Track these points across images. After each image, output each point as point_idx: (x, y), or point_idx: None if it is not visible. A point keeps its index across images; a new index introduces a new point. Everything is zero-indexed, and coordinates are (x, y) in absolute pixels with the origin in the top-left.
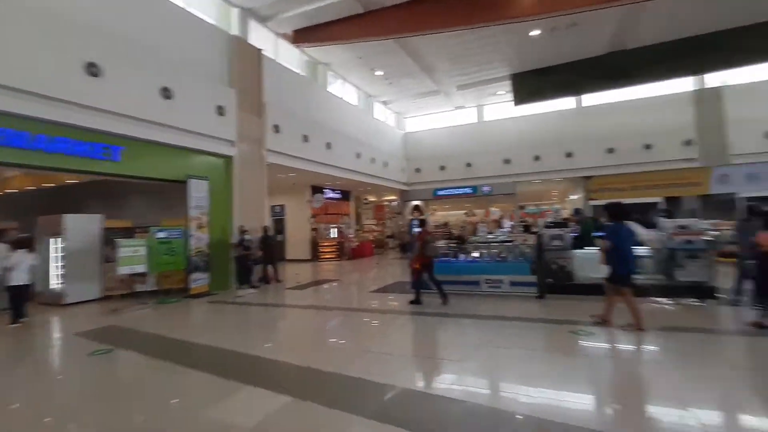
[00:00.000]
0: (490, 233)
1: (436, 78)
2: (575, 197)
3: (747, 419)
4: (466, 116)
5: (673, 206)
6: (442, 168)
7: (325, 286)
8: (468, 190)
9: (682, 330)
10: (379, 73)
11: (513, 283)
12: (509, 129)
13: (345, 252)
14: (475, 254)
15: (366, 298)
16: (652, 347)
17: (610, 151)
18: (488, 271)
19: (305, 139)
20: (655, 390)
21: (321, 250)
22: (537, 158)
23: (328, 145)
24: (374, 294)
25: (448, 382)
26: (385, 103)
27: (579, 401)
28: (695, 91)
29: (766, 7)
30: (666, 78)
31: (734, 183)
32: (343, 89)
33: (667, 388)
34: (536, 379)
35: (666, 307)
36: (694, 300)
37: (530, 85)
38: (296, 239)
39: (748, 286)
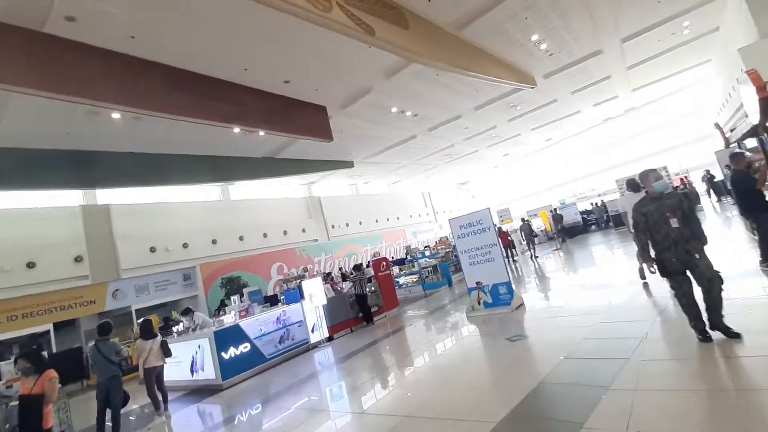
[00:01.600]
0: None
1: None
2: None
3: None
4: None
5: (68, 330)
6: None
7: None
8: None
9: None
10: None
11: None
12: None
13: None
14: None
15: None
16: None
17: None
18: None
19: None
20: None
21: None
22: None
23: None
24: None
25: None
26: None
27: None
28: (84, 205)
29: (147, 140)
30: (56, 187)
31: (127, 297)
32: None
33: None
34: None
35: None
36: None
37: None
38: None
39: None
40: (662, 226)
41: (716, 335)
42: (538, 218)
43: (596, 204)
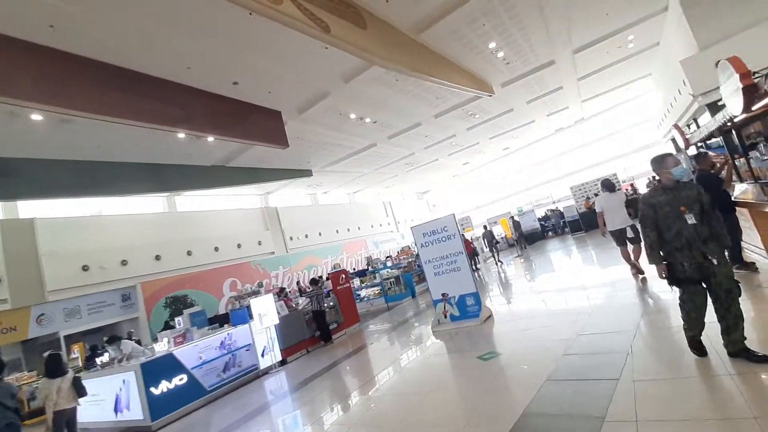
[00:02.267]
0: None
1: None
2: None
3: None
4: None
5: None
6: None
7: None
8: None
9: None
10: None
11: None
12: None
13: None
14: None
15: None
16: None
17: None
18: None
19: None
20: None
21: None
22: None
23: None
24: None
25: None
26: None
27: None
28: (3, 220)
29: (78, 146)
30: None
31: (55, 322)
32: None
33: None
34: None
35: None
36: None
37: None
38: None
39: None
40: (674, 222)
41: (712, 344)
42: (498, 226)
43: (552, 210)
